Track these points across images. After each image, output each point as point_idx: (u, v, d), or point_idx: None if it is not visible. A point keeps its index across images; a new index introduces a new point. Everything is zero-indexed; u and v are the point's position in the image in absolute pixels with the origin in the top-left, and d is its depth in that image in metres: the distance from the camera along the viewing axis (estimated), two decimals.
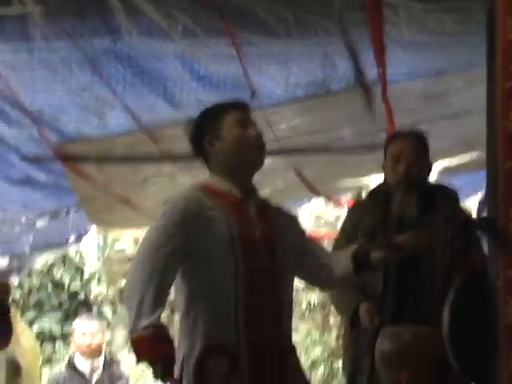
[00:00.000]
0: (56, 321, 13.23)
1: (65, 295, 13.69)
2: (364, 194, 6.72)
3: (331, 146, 7.32)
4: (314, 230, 11.94)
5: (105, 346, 8.72)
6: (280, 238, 4.45)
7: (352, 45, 5.91)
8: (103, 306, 13.85)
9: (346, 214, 6.08)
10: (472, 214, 5.60)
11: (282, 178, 4.29)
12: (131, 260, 11.18)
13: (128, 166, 7.66)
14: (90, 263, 13.91)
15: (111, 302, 14.05)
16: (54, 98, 6.42)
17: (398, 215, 5.54)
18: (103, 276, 14.18)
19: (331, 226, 9.80)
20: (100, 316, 12.58)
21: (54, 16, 5.43)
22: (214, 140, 4.42)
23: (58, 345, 12.89)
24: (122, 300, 3.50)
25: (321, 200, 8.63)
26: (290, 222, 4.67)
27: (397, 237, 4.72)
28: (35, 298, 13.42)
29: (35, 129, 6.81)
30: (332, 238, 7.00)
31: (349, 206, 6.73)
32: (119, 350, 13.10)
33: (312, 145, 7.18)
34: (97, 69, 6.13)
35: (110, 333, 13.02)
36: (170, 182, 7.64)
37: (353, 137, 7.21)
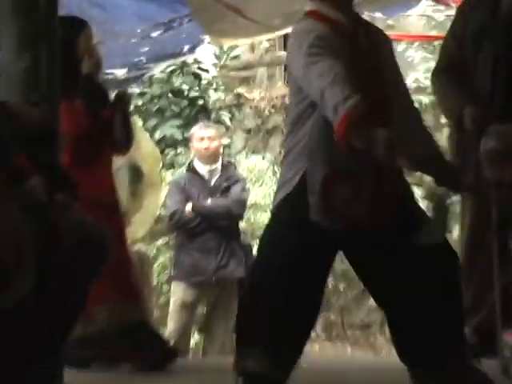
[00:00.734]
0: (177, 127, 13.62)
1: (184, 102, 14.04)
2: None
3: None
4: (424, 32, 12.05)
5: (222, 151, 9.01)
6: (386, 65, 4.50)
7: None
8: (221, 112, 14.21)
9: (454, 14, 6.19)
10: None
11: None
12: (247, 67, 13.33)
13: None
14: (207, 70, 14.47)
15: (229, 109, 14.40)
16: None
17: (506, 14, 5.56)
18: (221, 82, 14.70)
19: (442, 26, 9.75)
20: (219, 122, 13.01)
21: None
22: None
23: (180, 150, 13.19)
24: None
25: (430, 1, 8.67)
26: (388, 46, 4.69)
27: None
28: (156, 106, 13.89)
29: None
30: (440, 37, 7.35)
31: (458, 5, 6.75)
32: (237, 154, 13.60)
33: None
34: None
35: (229, 138, 13.54)
36: None
37: None
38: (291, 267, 4.31)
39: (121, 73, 8.89)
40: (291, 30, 4.65)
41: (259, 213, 11.89)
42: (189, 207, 8.29)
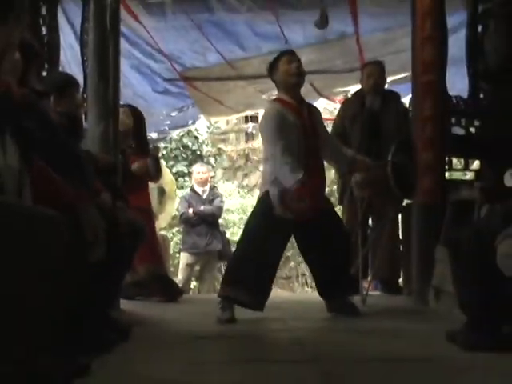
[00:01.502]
0: (184, 166, 13.79)
1: (189, 152, 14.27)
2: (349, 95, 6.92)
3: (329, 69, 7.64)
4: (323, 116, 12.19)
5: (209, 179, 8.91)
6: (319, 125, 4.62)
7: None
8: (210, 158, 14.64)
9: (340, 106, 6.39)
10: (407, 106, 5.79)
11: (303, 88, 4.57)
12: (224, 132, 14.13)
13: (219, 82, 8.00)
14: (202, 134, 14.68)
15: (214, 156, 15.08)
16: (179, 46, 7.38)
17: (369, 108, 5.73)
18: (209, 141, 14.99)
19: (331, 113, 9.95)
20: (208, 163, 12.93)
21: (178, 2, 6.50)
22: (276, 72, 4.53)
23: (186, 179, 13.26)
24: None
25: (324, 100, 8.80)
26: (319, 115, 4.76)
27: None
28: (173, 154, 14.05)
29: (169, 63, 7.59)
30: (331, 120, 7.40)
31: (340, 102, 6.89)
32: (218, 181, 13.74)
33: (319, 69, 7.46)
34: (201, 31, 6.90)
35: (214, 172, 13.50)
36: (243, 90, 8.02)
37: (341, 65, 7.56)
38: (264, 236, 4.35)
39: (154, 135, 8.91)
40: (264, 109, 4.73)
41: (229, 214, 11.91)
42: (191, 211, 8.26)
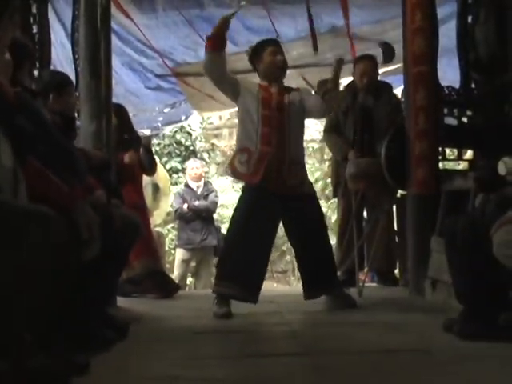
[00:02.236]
0: (178, 162, 13.64)
1: (182, 148, 14.07)
2: (341, 88, 6.87)
3: (321, 63, 7.51)
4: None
5: (204, 175, 8.91)
6: (289, 102, 4.51)
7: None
8: (203, 153, 14.36)
9: None
10: (399, 97, 5.73)
11: (295, 82, 4.63)
12: (217, 128, 13.98)
13: None
14: (195, 130, 14.45)
15: (207, 151, 14.70)
16: (170, 42, 7.42)
17: (361, 104, 5.70)
18: (202, 136, 14.77)
19: None
20: (202, 159, 12.50)
21: None
22: (260, 62, 4.55)
23: (180, 175, 13.14)
24: None
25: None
26: (304, 92, 4.72)
27: None
28: (166, 150, 13.89)
29: (161, 59, 7.60)
30: None
31: None
32: (212, 176, 13.55)
33: (310, 62, 7.51)
34: (192, 26, 6.90)
35: (208, 168, 13.32)
36: None
37: (333, 57, 7.38)
38: (247, 224, 4.33)
39: (147, 132, 8.90)
40: None
41: (224, 209, 11.90)
42: (185, 206, 8.26)
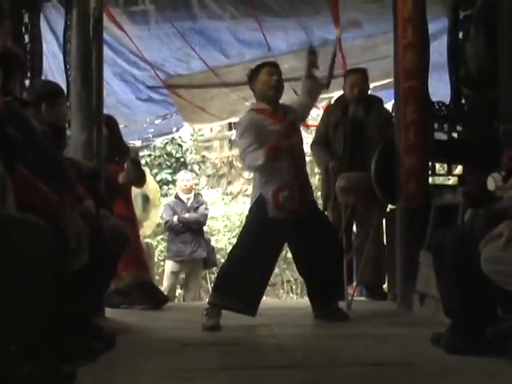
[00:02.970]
0: (169, 173, 13.69)
1: (173, 160, 14.15)
2: (332, 102, 6.87)
3: None
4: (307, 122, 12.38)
5: (194, 187, 8.92)
6: (294, 123, 4.61)
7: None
8: (194, 165, 14.47)
9: (322, 113, 6.35)
10: (390, 111, 5.68)
11: (286, 95, 4.69)
12: (208, 140, 14.10)
13: (202, 90, 8.02)
14: (186, 142, 14.57)
15: (198, 163, 14.82)
16: (163, 54, 7.35)
17: (352, 116, 5.71)
18: (193, 148, 14.84)
19: (314, 119, 9.98)
20: (192, 171, 12.84)
21: (161, 10, 6.45)
22: (256, 81, 4.54)
23: (170, 186, 13.13)
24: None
25: None
26: (294, 111, 4.67)
27: None
28: (157, 161, 13.97)
29: (152, 71, 7.58)
30: (314, 126, 7.47)
31: (324, 108, 6.88)
32: (202, 188, 13.66)
33: (302, 75, 7.43)
34: (184, 38, 6.92)
35: (198, 180, 13.36)
36: (226, 98, 8.00)
37: (323, 71, 7.49)
38: (258, 242, 4.34)
39: (138, 143, 8.92)
40: (239, 119, 4.76)
41: (214, 221, 11.89)
42: (175, 218, 8.26)
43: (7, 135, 2.52)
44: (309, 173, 5.05)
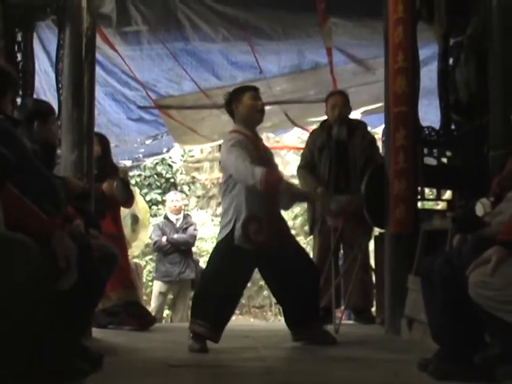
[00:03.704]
0: (158, 194, 13.65)
1: (163, 180, 14.15)
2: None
3: (303, 99, 7.72)
4: (296, 145, 12.49)
5: (183, 208, 8.98)
6: (272, 159, 4.73)
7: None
8: (183, 186, 14.41)
9: (307, 137, 6.32)
10: (377, 135, 5.86)
11: (277, 118, 4.65)
12: (198, 161, 13.91)
13: (193, 111, 8.03)
14: (176, 163, 14.56)
15: (188, 184, 14.65)
16: (154, 74, 7.40)
17: (335, 138, 5.73)
18: (183, 169, 14.78)
19: (304, 142, 10.15)
20: (182, 191, 12.92)
21: (154, 31, 6.52)
22: (239, 104, 4.55)
23: (160, 207, 13.13)
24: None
25: (297, 129, 8.91)
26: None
27: None
28: (147, 181, 13.95)
29: (144, 91, 7.60)
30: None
31: (310, 131, 6.82)
32: (192, 209, 13.54)
33: (293, 99, 7.66)
34: (176, 59, 6.98)
35: (188, 200, 13.53)
36: (217, 119, 7.89)
37: (315, 95, 7.58)
38: (227, 270, 4.33)
39: (128, 163, 8.92)
40: (224, 139, 4.70)
41: (203, 242, 11.88)
42: (164, 239, 8.26)
43: None
44: None
